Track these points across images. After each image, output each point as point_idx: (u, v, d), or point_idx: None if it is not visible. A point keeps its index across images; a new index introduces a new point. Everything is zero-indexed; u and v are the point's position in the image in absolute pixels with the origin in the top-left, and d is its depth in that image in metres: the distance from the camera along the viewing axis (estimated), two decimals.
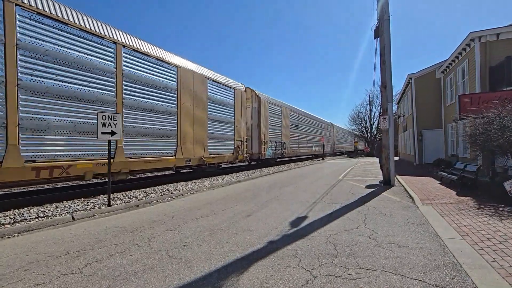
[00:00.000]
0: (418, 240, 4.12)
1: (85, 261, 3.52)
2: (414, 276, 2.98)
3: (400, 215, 5.62)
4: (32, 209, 6.45)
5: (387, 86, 9.76)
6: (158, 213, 6.12)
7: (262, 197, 7.92)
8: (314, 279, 2.96)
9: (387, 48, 9.66)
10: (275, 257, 3.57)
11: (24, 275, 3.15)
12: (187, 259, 3.55)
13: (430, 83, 19.16)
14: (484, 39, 12.03)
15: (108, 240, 4.36)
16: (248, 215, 5.77)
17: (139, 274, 3.14)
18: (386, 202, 6.95)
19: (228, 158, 14.25)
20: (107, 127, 6.63)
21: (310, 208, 6.41)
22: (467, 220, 5.14)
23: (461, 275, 3.01)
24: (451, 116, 15.13)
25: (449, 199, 7.10)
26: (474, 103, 10.78)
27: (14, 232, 4.76)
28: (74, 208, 6.57)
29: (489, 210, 5.87)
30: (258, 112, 17.73)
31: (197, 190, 9.28)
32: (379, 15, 9.74)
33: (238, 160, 15.37)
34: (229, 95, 14.50)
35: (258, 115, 17.75)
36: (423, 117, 19.53)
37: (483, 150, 8.41)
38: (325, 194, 8.31)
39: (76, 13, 7.54)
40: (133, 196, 8.06)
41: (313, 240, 4.20)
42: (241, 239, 4.30)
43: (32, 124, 6.50)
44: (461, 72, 14.62)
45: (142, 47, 9.41)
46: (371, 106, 46.52)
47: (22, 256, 3.72)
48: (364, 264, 3.31)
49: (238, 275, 3.09)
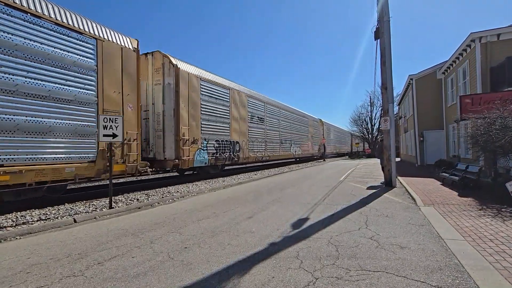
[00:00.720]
0: (420, 241, 4.10)
1: (86, 264, 3.52)
2: (416, 278, 2.97)
3: (402, 216, 5.60)
4: (34, 211, 6.48)
5: (387, 87, 9.76)
6: (159, 215, 6.12)
7: (263, 198, 7.92)
8: (316, 281, 2.95)
9: (388, 49, 9.67)
10: (277, 258, 3.57)
11: (26, 278, 3.16)
12: (188, 261, 3.55)
13: (431, 84, 19.14)
14: (485, 40, 12.02)
15: (110, 242, 4.36)
16: (249, 217, 5.77)
17: (141, 276, 3.14)
18: (388, 204, 6.93)
19: (72, 172, 7.23)
20: (108, 129, 6.66)
21: (312, 209, 6.40)
22: (469, 221, 5.12)
23: (464, 276, 3.00)
24: (452, 117, 15.10)
25: (451, 200, 7.08)
26: (475, 103, 10.76)
27: (17, 235, 4.78)
28: (76, 210, 6.59)
29: (491, 211, 5.84)
30: (175, 91, 11.01)
31: (199, 192, 9.28)
32: (379, 17, 9.76)
33: (106, 175, 7.84)
34: (76, 48, 7.56)
35: (174, 96, 11.01)
36: (424, 118, 19.49)
37: (485, 150, 8.38)
38: (326, 195, 8.29)
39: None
40: (135, 198, 8.07)
41: (314, 241, 4.19)
42: (242, 241, 4.29)
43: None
44: (462, 72, 14.61)
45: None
46: (372, 107, 46.49)
47: (24, 259, 3.73)
48: (366, 265, 3.30)
49: (239, 277, 3.08)
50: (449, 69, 16.89)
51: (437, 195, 7.80)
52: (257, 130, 17.70)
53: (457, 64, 15.32)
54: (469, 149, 11.09)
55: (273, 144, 20.16)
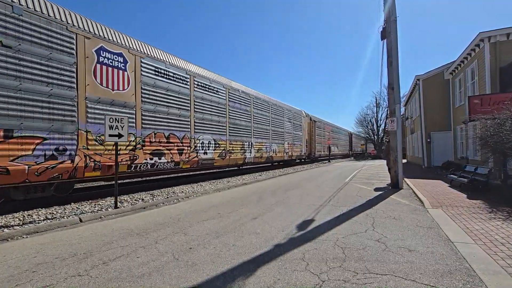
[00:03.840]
0: (428, 244, 4.01)
1: (92, 263, 3.52)
2: (426, 282, 2.90)
3: (410, 219, 5.50)
4: (41, 210, 6.53)
5: (394, 87, 9.64)
6: (164, 216, 6.12)
7: (268, 199, 7.87)
8: (323, 283, 2.90)
9: (394, 49, 9.56)
10: (282, 260, 3.52)
11: (32, 276, 3.17)
12: (193, 262, 3.53)
13: (438, 84, 18.89)
14: (494, 40, 11.82)
15: (115, 242, 4.36)
16: (254, 218, 5.73)
17: (146, 276, 3.13)
18: (395, 205, 6.82)
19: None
20: (114, 129, 6.70)
21: (317, 211, 6.33)
22: (479, 224, 5.00)
23: (475, 281, 2.92)
24: (460, 118, 14.86)
25: (460, 203, 6.94)
26: (484, 104, 10.58)
27: (23, 234, 4.81)
28: (82, 210, 6.62)
29: (502, 214, 5.71)
30: None
31: (203, 193, 9.27)
32: (386, 16, 9.66)
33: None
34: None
35: None
36: (431, 119, 19.23)
37: (495, 152, 8.22)
38: (332, 197, 8.21)
39: None
40: (140, 199, 8.10)
41: (320, 243, 4.14)
42: (247, 242, 4.26)
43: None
44: (470, 73, 14.38)
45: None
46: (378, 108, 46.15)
47: (31, 258, 3.75)
48: (373, 268, 3.23)
49: (244, 278, 3.05)
50: (457, 69, 16.65)
51: (445, 197, 7.66)
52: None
53: (465, 64, 15.09)
54: (477, 151, 10.91)
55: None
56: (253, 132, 16.60)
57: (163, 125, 10.04)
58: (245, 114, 15.75)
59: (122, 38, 8.90)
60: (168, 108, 10.30)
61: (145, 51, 9.62)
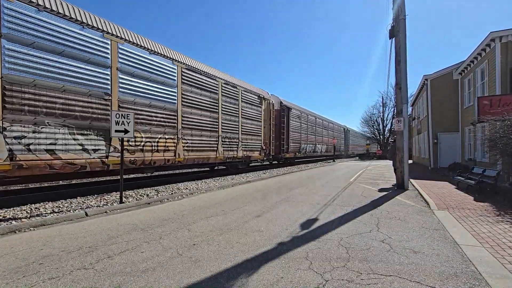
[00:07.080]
0: (434, 246, 3.96)
1: (97, 257, 3.56)
2: (431, 284, 2.86)
3: (415, 220, 5.44)
4: (48, 204, 6.63)
5: (402, 87, 9.52)
6: (168, 211, 6.16)
7: (272, 198, 7.86)
8: (326, 283, 2.88)
9: (403, 48, 9.42)
10: (286, 259, 3.52)
11: (38, 269, 3.22)
12: (197, 258, 3.54)
13: (446, 84, 18.57)
14: (505, 39, 11.55)
15: (120, 236, 4.41)
16: (258, 216, 5.73)
17: (150, 271, 3.15)
18: (400, 206, 6.75)
19: None
20: (120, 125, 6.75)
21: (321, 210, 6.30)
22: (487, 227, 4.92)
23: (482, 284, 2.87)
24: (469, 119, 14.61)
25: (467, 205, 6.84)
26: (494, 105, 10.37)
27: (30, 226, 4.89)
28: (88, 204, 6.71)
29: (510, 217, 5.60)
30: None
31: (207, 190, 9.31)
32: (395, 15, 9.51)
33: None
34: None
35: None
36: (439, 120, 18.95)
37: (504, 154, 8.07)
38: (336, 196, 8.16)
39: None
40: (145, 194, 8.16)
41: (324, 242, 4.12)
42: (251, 239, 4.26)
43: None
44: (480, 73, 14.11)
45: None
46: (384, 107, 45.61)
47: (37, 250, 3.80)
48: (377, 269, 3.21)
49: (247, 276, 3.05)
50: (466, 70, 16.35)
51: (452, 199, 7.56)
52: None
53: (475, 64, 14.80)
54: (486, 153, 10.70)
55: None
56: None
57: None
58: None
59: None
60: None
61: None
